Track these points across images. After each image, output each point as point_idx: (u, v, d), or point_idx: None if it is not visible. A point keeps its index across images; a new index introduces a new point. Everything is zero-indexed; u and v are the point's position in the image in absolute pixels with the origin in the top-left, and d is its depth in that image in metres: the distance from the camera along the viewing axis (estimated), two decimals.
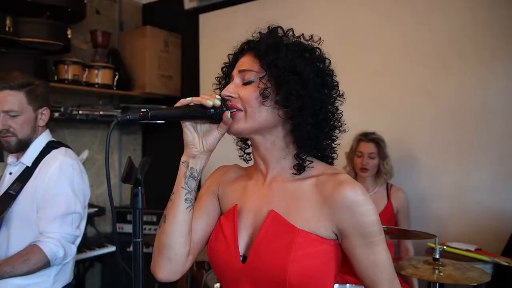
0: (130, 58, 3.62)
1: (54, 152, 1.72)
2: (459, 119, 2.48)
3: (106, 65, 3.32)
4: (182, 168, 0.97)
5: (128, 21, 3.95)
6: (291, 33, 1.03)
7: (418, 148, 2.60)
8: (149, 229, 3.34)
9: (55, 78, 3.10)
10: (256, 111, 0.95)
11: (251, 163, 1.12)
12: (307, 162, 0.99)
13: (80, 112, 3.22)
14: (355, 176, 2.55)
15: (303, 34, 1.03)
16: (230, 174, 1.14)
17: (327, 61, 1.03)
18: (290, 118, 0.96)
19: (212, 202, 1.11)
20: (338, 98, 1.04)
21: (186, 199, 0.97)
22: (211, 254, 1.04)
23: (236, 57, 1.05)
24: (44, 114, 1.76)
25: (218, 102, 0.94)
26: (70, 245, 1.62)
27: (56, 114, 3.07)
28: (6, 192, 1.67)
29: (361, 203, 0.91)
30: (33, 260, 1.50)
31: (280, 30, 1.03)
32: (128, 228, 3.46)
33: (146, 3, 4.07)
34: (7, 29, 2.69)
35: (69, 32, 2.98)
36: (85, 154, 3.47)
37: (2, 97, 1.65)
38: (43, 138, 1.78)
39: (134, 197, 0.74)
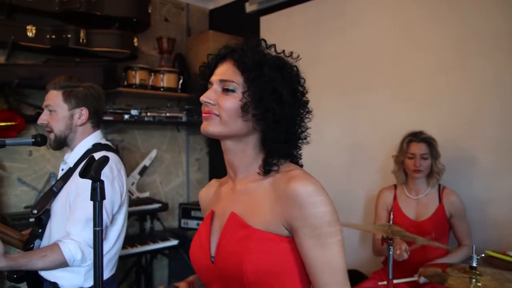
0: (195, 62, 3.80)
1: (92, 156, 1.80)
2: None
3: (170, 70, 3.52)
4: None
5: (196, 26, 4.15)
6: (273, 48, 1.07)
7: (478, 148, 2.38)
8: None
9: (125, 83, 3.37)
10: (233, 121, 1.00)
11: None
12: (274, 166, 1.03)
13: (148, 114, 3.47)
14: (406, 178, 2.44)
15: (284, 51, 1.07)
16: (209, 192, 1.23)
17: (301, 80, 1.07)
18: (264, 131, 1.01)
19: None
20: (307, 114, 1.09)
21: None
22: (191, 257, 1.12)
23: (216, 61, 1.08)
24: (83, 114, 1.84)
25: None
26: (90, 249, 1.64)
27: (126, 116, 3.35)
28: (50, 188, 1.82)
29: (310, 194, 0.91)
30: (49, 258, 1.58)
31: (263, 44, 1.06)
32: (192, 224, 3.65)
33: (213, 8, 4.25)
34: (81, 40, 3.00)
35: (135, 40, 3.23)
36: (153, 153, 3.73)
37: (47, 96, 1.84)
38: (90, 140, 1.87)
39: (93, 191, 0.81)
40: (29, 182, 3.11)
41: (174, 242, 3.29)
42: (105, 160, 0.85)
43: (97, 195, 0.82)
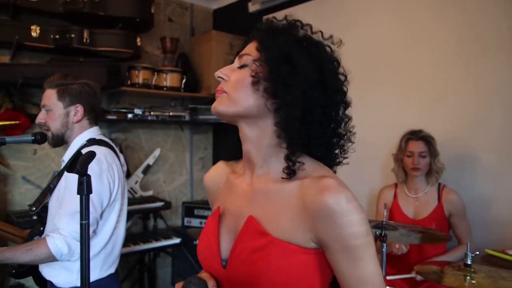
0: (198, 62, 3.83)
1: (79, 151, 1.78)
2: None
3: (173, 69, 3.55)
4: None
5: (200, 26, 4.17)
6: (308, 28, 0.95)
7: (481, 148, 2.36)
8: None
9: (129, 82, 3.40)
10: (242, 96, 0.90)
11: None
12: (298, 164, 0.89)
13: (151, 113, 3.50)
14: (406, 177, 2.43)
15: (321, 32, 0.95)
16: (219, 178, 1.09)
17: (335, 60, 0.95)
18: (277, 109, 0.89)
19: None
20: (343, 105, 0.97)
21: None
22: (198, 253, 1.02)
23: (245, 44, 0.99)
24: (78, 111, 1.84)
25: None
26: (77, 243, 1.62)
27: (130, 116, 3.38)
28: (48, 185, 1.81)
29: (344, 213, 0.81)
30: (35, 252, 1.57)
31: (298, 24, 0.95)
32: (195, 223, 3.67)
33: (217, 8, 4.27)
34: (84, 40, 3.03)
35: (138, 40, 3.25)
36: (157, 152, 3.76)
37: (43, 95, 1.85)
38: (84, 136, 1.86)
39: (80, 185, 0.83)
40: (33, 181, 3.15)
41: (177, 240, 3.32)
42: (91, 155, 0.86)
43: (84, 189, 0.83)
